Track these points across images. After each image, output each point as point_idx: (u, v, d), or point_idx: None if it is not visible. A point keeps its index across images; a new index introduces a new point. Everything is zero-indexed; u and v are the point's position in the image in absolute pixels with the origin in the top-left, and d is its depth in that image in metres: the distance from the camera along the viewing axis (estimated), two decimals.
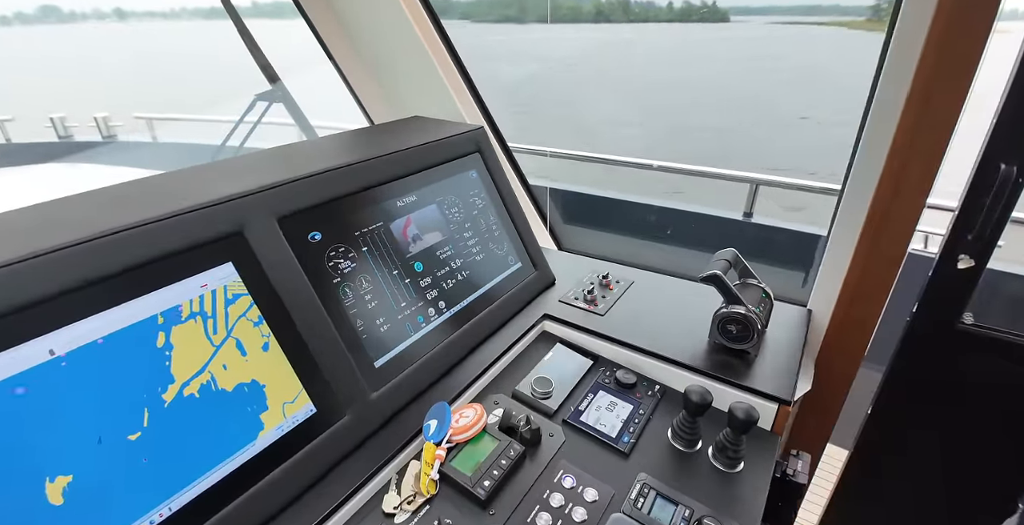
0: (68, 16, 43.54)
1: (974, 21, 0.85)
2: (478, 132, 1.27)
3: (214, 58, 3.74)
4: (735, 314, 1.00)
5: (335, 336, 0.83)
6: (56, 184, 2.86)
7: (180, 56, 13.13)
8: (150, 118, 3.96)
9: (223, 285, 0.75)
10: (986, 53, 0.88)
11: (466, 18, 30.16)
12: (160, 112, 4.02)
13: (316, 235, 0.87)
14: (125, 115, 4.14)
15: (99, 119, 3.81)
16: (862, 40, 18.82)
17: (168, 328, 0.69)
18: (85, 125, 3.84)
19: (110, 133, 3.92)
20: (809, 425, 1.36)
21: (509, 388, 1.01)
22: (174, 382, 0.69)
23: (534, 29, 19.80)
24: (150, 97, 7.87)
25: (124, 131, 3.99)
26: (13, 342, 0.58)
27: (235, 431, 0.72)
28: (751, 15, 29.25)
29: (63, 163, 3.35)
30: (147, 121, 3.96)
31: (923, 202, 1.00)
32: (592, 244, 1.69)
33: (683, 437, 0.90)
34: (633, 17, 34.67)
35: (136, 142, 3.95)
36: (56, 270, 0.61)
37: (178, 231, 0.72)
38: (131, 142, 3.93)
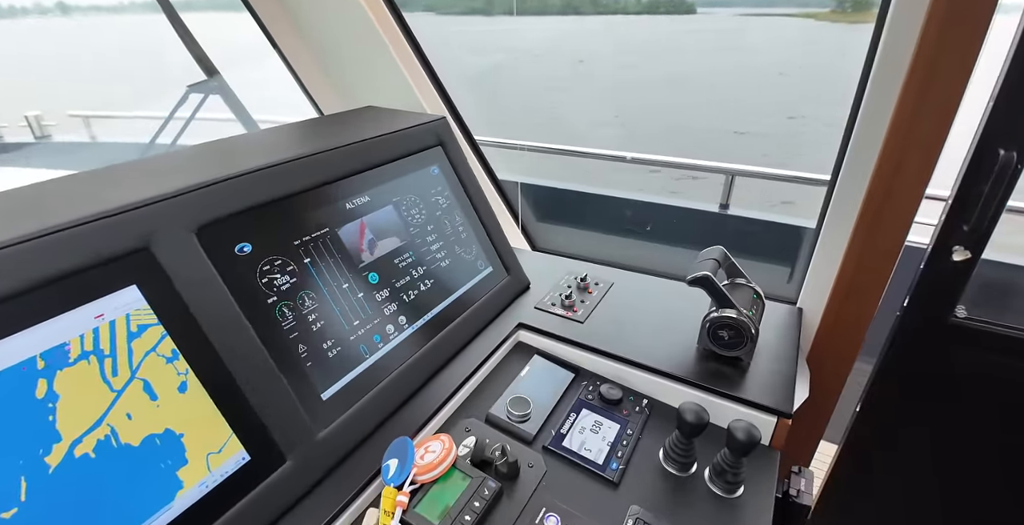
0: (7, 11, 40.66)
1: None
2: (439, 123, 1.15)
3: (160, 53, 3.50)
4: (727, 319, 0.91)
5: (271, 367, 0.70)
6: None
7: (125, 51, 12.45)
8: (87, 116, 3.66)
9: (125, 314, 0.61)
10: (990, 30, 0.81)
11: (431, 10, 29.74)
12: (100, 109, 3.73)
13: (245, 247, 0.74)
14: (60, 113, 3.83)
15: (31, 118, 3.49)
16: (830, 32, 19.13)
17: (51, 373, 0.56)
18: (16, 125, 3.53)
19: (44, 133, 3.61)
20: (802, 426, 1.29)
21: (482, 411, 0.90)
22: (61, 441, 0.55)
23: (501, 21, 19.54)
24: (91, 94, 7.40)
25: (60, 131, 3.69)
26: None
27: (146, 494, 0.59)
28: (717, 7, 29.42)
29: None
30: (83, 119, 3.67)
31: (922, 192, 0.93)
32: (568, 242, 1.58)
33: (677, 460, 0.81)
34: (602, 9, 34.73)
35: (72, 142, 3.65)
36: None
37: (63, 250, 0.58)
38: (67, 142, 3.63)
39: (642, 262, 1.42)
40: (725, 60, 12.93)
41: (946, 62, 0.82)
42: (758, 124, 9.57)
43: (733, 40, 15.00)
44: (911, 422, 1.32)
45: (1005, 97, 0.95)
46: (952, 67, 0.82)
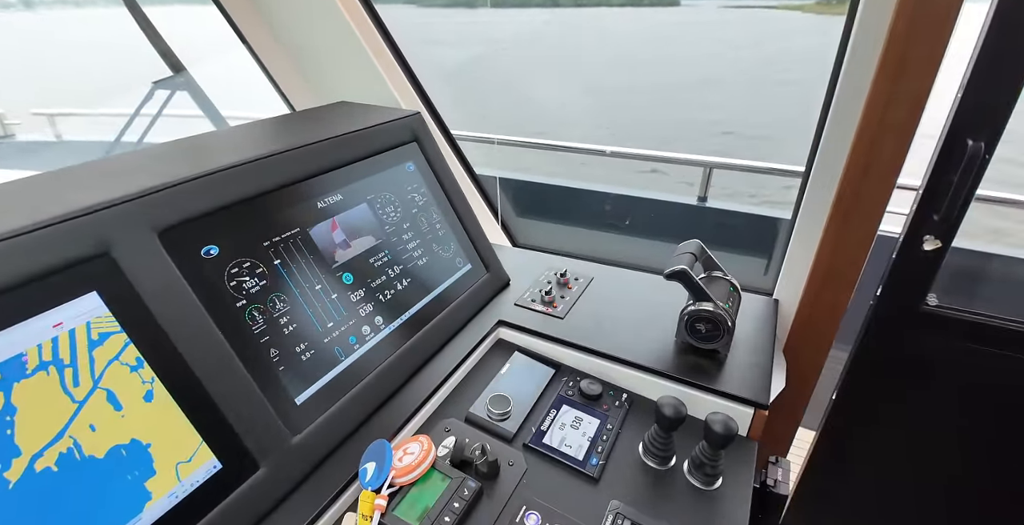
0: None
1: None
2: (414, 118, 1.13)
3: (127, 48, 3.40)
4: (703, 312, 0.91)
5: (242, 373, 0.68)
6: None
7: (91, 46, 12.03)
8: (51, 114, 3.53)
9: (85, 322, 0.59)
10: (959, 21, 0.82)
11: (411, 3, 29.12)
12: (65, 107, 3.60)
13: (212, 249, 0.72)
14: (23, 112, 3.69)
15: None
16: (815, 24, 19.06)
17: (7, 386, 0.54)
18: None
19: (6, 132, 3.48)
20: (781, 415, 1.31)
21: (462, 411, 0.90)
22: (20, 455, 0.53)
23: (482, 14, 19.29)
24: (56, 91, 7.15)
25: (23, 130, 3.56)
26: None
27: (113, 506, 0.58)
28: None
29: None
30: (48, 117, 3.53)
31: (894, 181, 0.94)
32: (548, 238, 1.58)
33: (656, 454, 0.81)
34: (584, 1, 34.29)
35: (36, 141, 3.52)
36: None
37: (17, 256, 0.55)
38: (31, 142, 3.50)
39: (622, 256, 1.42)
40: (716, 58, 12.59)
41: (915, 53, 0.83)
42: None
43: (718, 33, 14.88)
44: (886, 408, 1.35)
45: (973, 88, 0.96)
46: (921, 58, 0.83)
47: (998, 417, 1.22)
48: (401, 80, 1.33)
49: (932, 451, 1.33)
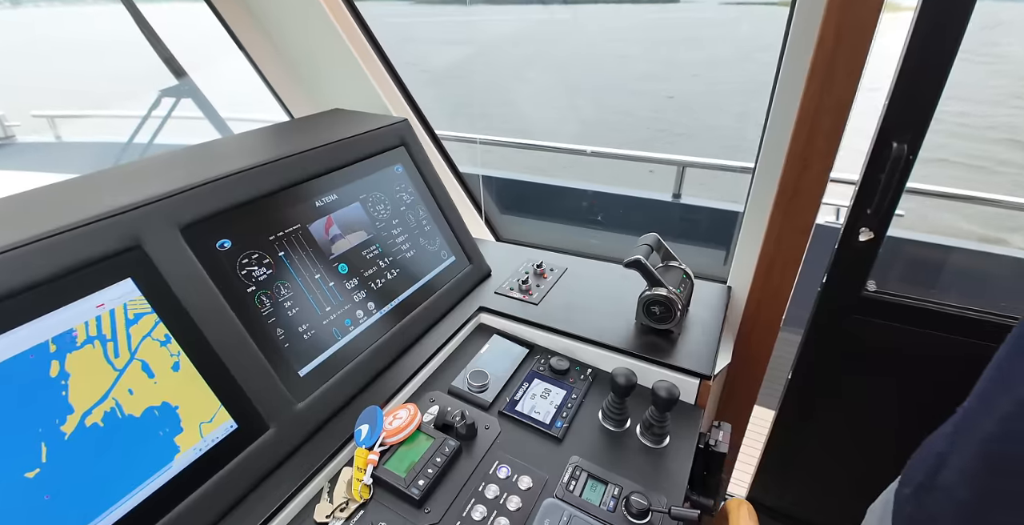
0: None
1: (867, 5, 0.90)
2: (402, 125, 1.24)
3: (124, 46, 3.42)
4: (657, 296, 1.04)
5: (253, 348, 0.80)
6: None
7: (85, 45, 11.99)
8: (51, 116, 3.62)
9: (123, 304, 0.71)
10: (878, 34, 0.94)
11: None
12: (63, 109, 3.68)
13: (225, 243, 0.83)
14: (23, 113, 3.77)
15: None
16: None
17: (62, 355, 0.65)
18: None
19: (7, 134, 3.56)
20: (736, 394, 1.45)
21: (445, 385, 1.02)
22: (73, 412, 0.65)
23: (476, 11, 19.20)
24: (52, 93, 7.18)
25: (23, 131, 3.64)
26: None
27: (148, 457, 0.69)
28: None
29: None
30: (48, 119, 3.62)
31: (827, 176, 1.07)
32: (529, 233, 1.70)
33: (612, 418, 0.94)
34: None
35: (38, 143, 3.60)
36: None
37: (65, 249, 0.67)
38: (32, 143, 3.59)
39: (597, 249, 1.54)
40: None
41: (838, 68, 0.96)
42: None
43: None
44: (835, 385, 1.48)
45: (898, 96, 1.09)
46: (843, 73, 0.95)
47: (935, 391, 1.35)
48: (390, 87, 1.44)
49: (875, 423, 1.47)
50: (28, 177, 2.77)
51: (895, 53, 1.05)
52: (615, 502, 0.80)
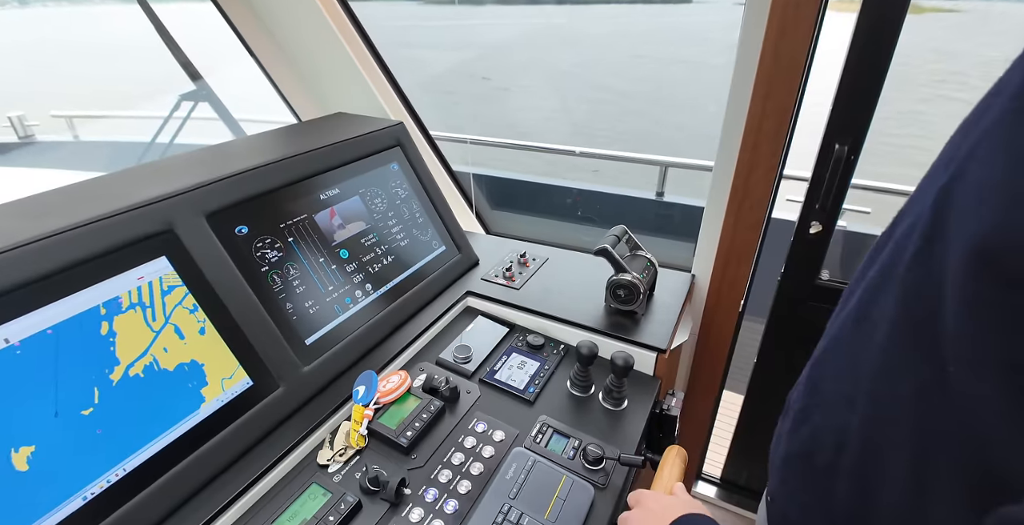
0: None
1: (800, 29, 1.03)
2: (398, 127, 1.38)
3: (136, 49, 3.52)
4: (622, 281, 1.17)
5: (266, 318, 0.94)
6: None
7: (96, 46, 12.19)
8: (70, 116, 3.78)
9: (159, 277, 0.84)
10: (816, 53, 1.07)
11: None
12: (79, 109, 3.85)
13: (243, 229, 0.97)
14: (41, 113, 3.93)
15: (14, 119, 3.61)
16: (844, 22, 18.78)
17: (110, 317, 0.79)
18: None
19: (27, 133, 3.72)
20: (702, 375, 1.58)
21: (433, 357, 1.15)
22: (119, 364, 0.78)
23: (484, 12, 19.22)
24: (67, 93, 7.36)
25: (42, 131, 3.80)
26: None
27: (179, 404, 0.83)
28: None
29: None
30: (67, 119, 3.79)
31: (773, 175, 1.20)
32: (517, 227, 1.83)
33: (578, 384, 1.07)
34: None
35: (57, 142, 3.77)
36: (3, 270, 0.69)
37: (113, 230, 0.80)
38: (51, 142, 3.75)
39: (579, 242, 1.67)
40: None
41: (778, 80, 1.09)
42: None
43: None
44: (794, 370, 1.60)
45: (840, 102, 1.21)
46: (783, 83, 1.09)
47: None
48: (388, 92, 1.58)
49: None
50: (48, 174, 2.92)
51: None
52: (575, 452, 0.94)
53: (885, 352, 0.45)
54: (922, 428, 0.42)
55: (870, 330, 0.48)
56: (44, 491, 0.70)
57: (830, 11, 1.09)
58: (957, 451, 0.39)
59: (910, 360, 0.43)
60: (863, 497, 0.48)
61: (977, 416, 0.37)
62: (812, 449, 0.55)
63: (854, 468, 0.49)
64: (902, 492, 0.44)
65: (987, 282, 0.35)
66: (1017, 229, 0.32)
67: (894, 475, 0.45)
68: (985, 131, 0.38)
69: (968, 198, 0.38)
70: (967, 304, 0.36)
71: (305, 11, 1.36)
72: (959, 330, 0.37)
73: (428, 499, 0.84)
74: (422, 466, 0.90)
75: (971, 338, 0.37)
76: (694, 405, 1.69)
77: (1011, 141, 0.35)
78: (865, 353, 0.48)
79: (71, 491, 0.71)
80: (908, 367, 0.43)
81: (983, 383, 0.36)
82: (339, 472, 0.87)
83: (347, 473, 0.87)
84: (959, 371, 0.38)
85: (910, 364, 0.43)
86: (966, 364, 0.37)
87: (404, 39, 11.06)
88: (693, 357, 1.54)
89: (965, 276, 0.36)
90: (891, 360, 0.45)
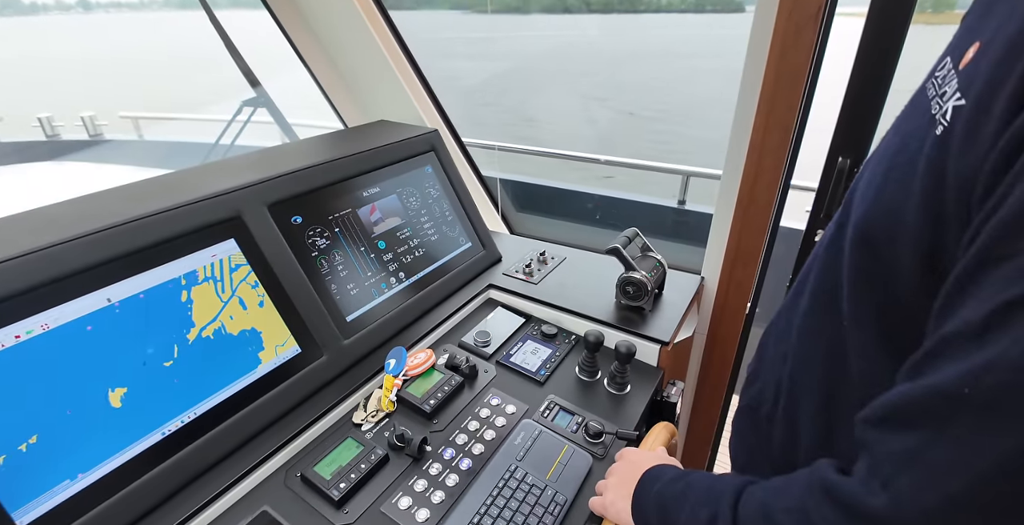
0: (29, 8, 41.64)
1: (799, 52, 1.12)
2: (432, 134, 1.52)
3: (191, 52, 3.78)
4: (631, 278, 1.27)
5: (314, 296, 1.08)
6: (55, 182, 3.03)
7: (155, 52, 12.97)
8: (136, 117, 4.12)
9: (228, 256, 1.00)
10: (814, 68, 1.16)
11: (459, 8, 28.27)
12: (143, 111, 4.19)
13: (298, 219, 1.12)
14: (110, 114, 4.29)
15: (85, 119, 3.96)
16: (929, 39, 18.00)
17: (189, 287, 0.94)
18: (72, 124, 3.99)
19: (96, 132, 4.07)
20: (713, 374, 1.65)
21: (456, 340, 1.28)
22: (194, 327, 0.94)
23: (537, 20, 19.33)
24: (131, 96, 7.89)
25: (110, 130, 4.15)
26: (84, 292, 0.82)
27: (240, 363, 0.98)
28: None
29: (54, 162, 3.51)
30: (132, 120, 4.13)
31: (777, 185, 1.28)
32: (538, 228, 1.95)
33: (586, 370, 1.18)
34: (643, 7, 33.19)
35: (123, 140, 4.11)
36: (107, 243, 0.85)
37: (193, 215, 0.96)
38: (117, 140, 4.09)
39: (598, 244, 1.78)
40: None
41: (780, 97, 1.18)
42: None
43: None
44: None
45: (844, 117, 1.30)
46: (784, 102, 1.18)
47: None
48: (425, 101, 1.73)
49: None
50: (115, 169, 3.20)
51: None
52: (578, 426, 1.04)
53: (806, 316, 0.56)
54: (828, 376, 0.52)
55: (800, 300, 0.58)
56: (132, 424, 0.85)
57: (847, 18, 1.17)
58: (854, 394, 0.49)
59: (823, 321, 0.53)
60: (791, 440, 0.58)
61: (863, 358, 0.47)
62: (758, 402, 0.65)
63: (784, 414, 0.59)
64: (815, 433, 0.54)
65: (861, 249, 0.45)
66: (877, 213, 0.43)
67: (809, 418, 0.55)
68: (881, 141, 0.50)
69: (861, 193, 0.48)
70: (852, 268, 0.47)
71: (353, 27, 1.52)
72: (848, 290, 0.48)
73: (446, 457, 0.96)
74: (442, 430, 1.02)
75: (854, 296, 0.47)
76: (704, 404, 1.77)
77: (883, 153, 0.46)
78: (795, 318, 0.58)
79: (153, 426, 0.86)
80: (821, 327, 0.53)
81: (863, 331, 0.46)
82: (371, 430, 1.00)
83: (377, 432, 1.00)
84: (849, 325, 0.48)
85: (823, 325, 0.53)
86: (853, 319, 0.47)
87: (445, 50, 11.36)
88: (702, 357, 1.62)
89: (850, 247, 0.47)
90: (810, 322, 0.55)
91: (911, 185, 0.40)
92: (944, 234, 0.37)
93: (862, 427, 0.41)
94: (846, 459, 0.45)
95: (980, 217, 0.33)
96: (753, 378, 0.70)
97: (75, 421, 0.80)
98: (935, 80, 0.43)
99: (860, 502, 0.38)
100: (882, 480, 0.37)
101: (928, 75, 0.46)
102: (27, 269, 0.77)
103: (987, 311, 0.32)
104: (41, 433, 0.77)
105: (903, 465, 0.36)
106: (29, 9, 21.23)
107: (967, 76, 0.38)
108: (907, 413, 0.37)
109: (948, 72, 0.41)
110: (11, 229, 0.85)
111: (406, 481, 0.91)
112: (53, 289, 0.80)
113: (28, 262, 0.77)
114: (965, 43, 0.40)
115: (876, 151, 0.50)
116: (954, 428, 0.33)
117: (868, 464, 0.39)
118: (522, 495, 0.89)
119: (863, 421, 0.41)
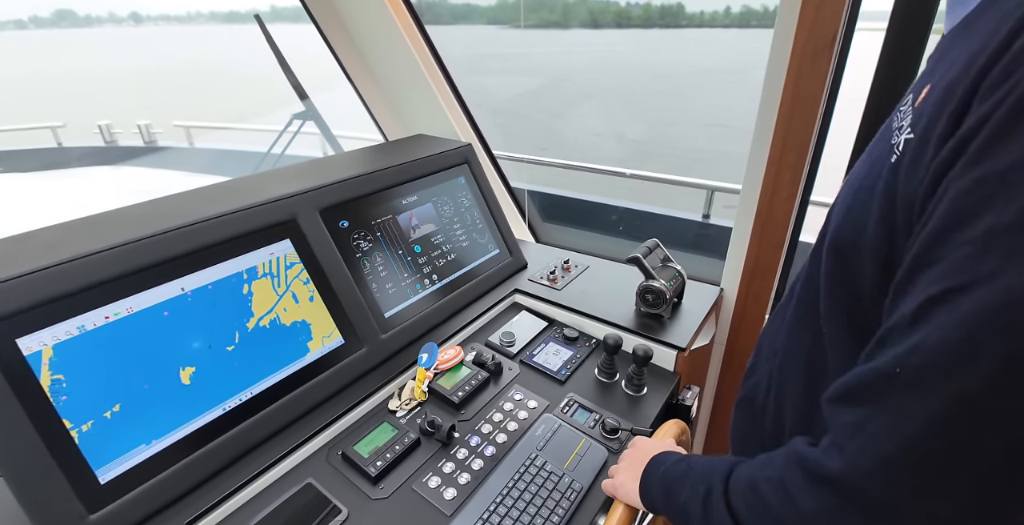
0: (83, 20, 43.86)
1: (815, 77, 1.19)
2: (466, 148, 1.63)
3: (234, 65, 4.01)
4: (651, 286, 1.34)
5: (357, 293, 1.19)
6: (117, 185, 3.27)
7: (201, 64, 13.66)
8: (188, 126, 4.40)
9: (283, 255, 1.11)
10: (830, 91, 1.22)
11: (496, 23, 28.65)
12: (193, 120, 4.48)
13: (345, 223, 1.23)
14: (165, 123, 4.60)
15: (142, 126, 4.25)
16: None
17: (250, 281, 1.05)
18: (128, 132, 4.28)
19: (151, 139, 4.36)
20: (732, 383, 1.70)
21: (483, 339, 1.37)
22: (253, 317, 1.05)
23: (578, 35, 19.51)
24: (181, 105, 8.35)
25: (163, 138, 4.44)
26: (162, 281, 0.94)
27: (291, 351, 1.08)
28: None
29: (112, 167, 3.78)
30: (185, 129, 4.41)
31: (794, 201, 1.34)
32: (564, 238, 2.03)
33: (604, 371, 1.25)
34: (686, 21, 33.41)
35: (175, 147, 4.39)
36: (183, 240, 0.97)
37: (254, 217, 1.08)
38: (170, 147, 4.37)
39: (619, 254, 1.85)
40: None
41: (797, 118, 1.24)
42: None
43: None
44: None
45: (862, 136, 1.35)
46: (801, 121, 1.24)
47: None
48: (460, 116, 1.84)
49: None
50: (168, 174, 3.43)
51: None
52: (595, 423, 1.12)
53: (793, 315, 0.63)
54: (810, 367, 0.59)
55: (789, 303, 0.65)
56: (198, 400, 0.96)
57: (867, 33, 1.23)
58: (831, 382, 0.56)
59: (806, 320, 0.60)
60: (779, 426, 0.65)
61: (836, 350, 0.54)
62: (754, 394, 0.72)
63: (773, 404, 0.66)
64: (798, 418, 0.61)
65: (833, 258, 0.53)
66: (846, 227, 0.51)
67: (793, 405, 0.62)
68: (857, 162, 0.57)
69: (837, 209, 0.56)
70: (827, 274, 0.55)
71: (394, 47, 1.65)
72: (824, 292, 0.55)
73: (472, 444, 1.04)
74: (469, 419, 1.10)
75: (828, 298, 0.55)
76: (724, 411, 1.81)
77: (856, 174, 0.54)
78: (784, 320, 0.65)
79: (216, 402, 0.97)
80: (805, 325, 0.60)
81: (836, 328, 0.53)
82: (404, 417, 1.10)
83: (410, 418, 1.09)
84: (825, 322, 0.55)
85: (806, 323, 0.60)
86: (828, 317, 0.55)
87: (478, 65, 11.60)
88: (721, 365, 1.67)
89: (825, 256, 0.54)
90: (796, 321, 0.62)
91: (872, 204, 0.48)
92: (896, 245, 0.45)
93: (825, 405, 0.48)
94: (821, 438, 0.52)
95: (917, 231, 0.41)
96: (750, 372, 0.76)
97: (151, 394, 0.91)
98: (899, 113, 0.51)
99: (821, 466, 0.46)
100: (837, 447, 0.45)
101: (895, 108, 0.53)
102: (118, 259, 0.89)
103: (915, 305, 0.39)
104: (123, 403, 0.88)
105: (852, 433, 0.44)
106: (84, 21, 22.40)
107: (918, 113, 0.45)
108: (855, 391, 0.45)
109: (908, 107, 0.49)
110: (100, 226, 0.98)
111: (435, 463, 1.00)
112: (138, 277, 0.92)
113: (118, 254, 0.89)
114: (922, 83, 0.48)
115: (852, 172, 0.58)
116: (889, 401, 0.41)
117: (829, 435, 0.47)
118: (541, 481, 0.97)
119: (826, 400, 0.48)
